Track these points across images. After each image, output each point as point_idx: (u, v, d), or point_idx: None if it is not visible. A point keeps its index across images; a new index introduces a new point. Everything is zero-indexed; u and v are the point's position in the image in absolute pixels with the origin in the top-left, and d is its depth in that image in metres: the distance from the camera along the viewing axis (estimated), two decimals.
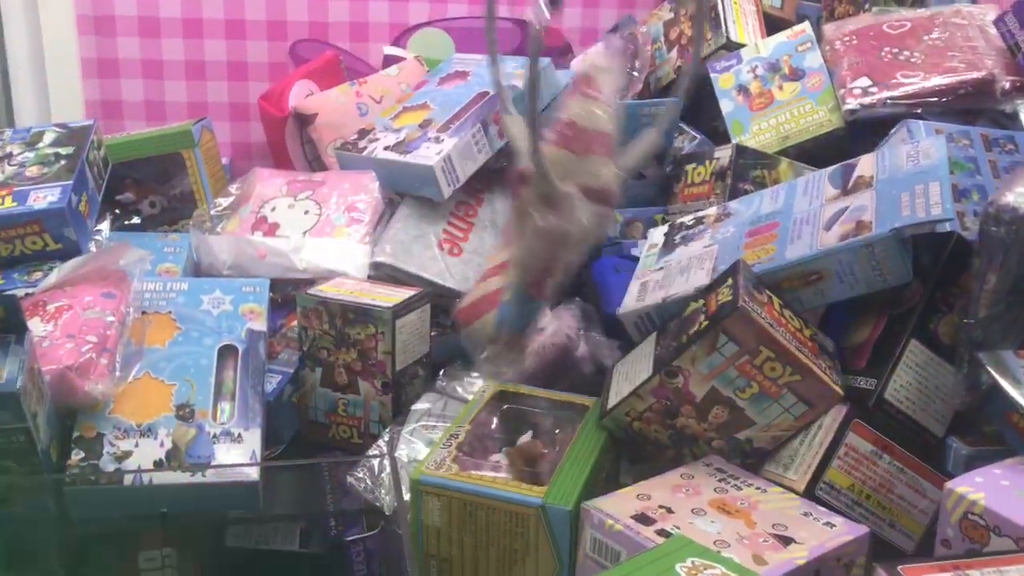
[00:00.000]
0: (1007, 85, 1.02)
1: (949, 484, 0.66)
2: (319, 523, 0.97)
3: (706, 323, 0.75)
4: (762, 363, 0.74)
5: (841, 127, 1.08)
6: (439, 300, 1.02)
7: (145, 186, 1.16)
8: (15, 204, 0.97)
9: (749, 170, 1.03)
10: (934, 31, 1.10)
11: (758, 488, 0.74)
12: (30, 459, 0.78)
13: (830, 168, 0.90)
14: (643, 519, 0.68)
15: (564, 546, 0.71)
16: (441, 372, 0.99)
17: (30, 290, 0.92)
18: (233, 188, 1.16)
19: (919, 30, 1.11)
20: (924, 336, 0.77)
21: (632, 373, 0.81)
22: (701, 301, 0.79)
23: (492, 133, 1.13)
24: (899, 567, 0.54)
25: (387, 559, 0.94)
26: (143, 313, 0.93)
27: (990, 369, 0.72)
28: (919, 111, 1.02)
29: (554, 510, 0.71)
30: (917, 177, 0.80)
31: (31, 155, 1.04)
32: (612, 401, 0.81)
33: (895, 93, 1.04)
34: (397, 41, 1.35)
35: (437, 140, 1.11)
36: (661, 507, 0.70)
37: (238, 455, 0.85)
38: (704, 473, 0.76)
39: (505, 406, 0.85)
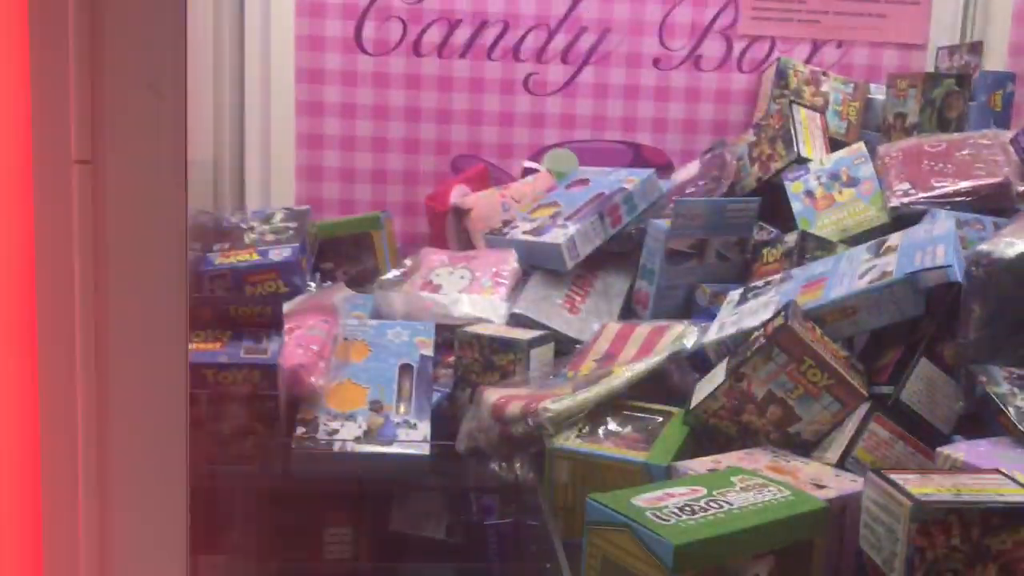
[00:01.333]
0: (1021, 188, 1.28)
1: (939, 448, 0.90)
2: (465, 508, 1.24)
3: (763, 340, 1.02)
4: (805, 370, 1.00)
5: (887, 222, 1.34)
6: (559, 345, 1.32)
7: (341, 259, 1.52)
8: (259, 258, 1.33)
9: (812, 251, 1.31)
10: (965, 149, 1.37)
11: (803, 462, 0.98)
12: (272, 425, 1.10)
13: (869, 242, 1.17)
14: (715, 471, 0.94)
15: None
16: None
17: None
18: (407, 261, 1.50)
19: (953, 149, 1.38)
20: (933, 356, 1.02)
21: (710, 382, 1.08)
22: (761, 329, 1.06)
23: (607, 222, 1.44)
24: (883, 470, 0.78)
25: (518, 542, 1.21)
26: (345, 339, 1.26)
27: (980, 379, 0.96)
28: (948, 208, 1.29)
29: (654, 466, 0.97)
30: (928, 242, 1.07)
31: (267, 227, 1.41)
32: (694, 402, 1.07)
33: (930, 194, 1.31)
34: (534, 157, 1.71)
35: (563, 226, 1.43)
36: (729, 467, 0.96)
37: (414, 437, 1.14)
38: (762, 452, 1.01)
39: (610, 410, 1.12)
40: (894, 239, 1.14)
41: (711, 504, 0.77)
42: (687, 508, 0.76)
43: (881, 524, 0.74)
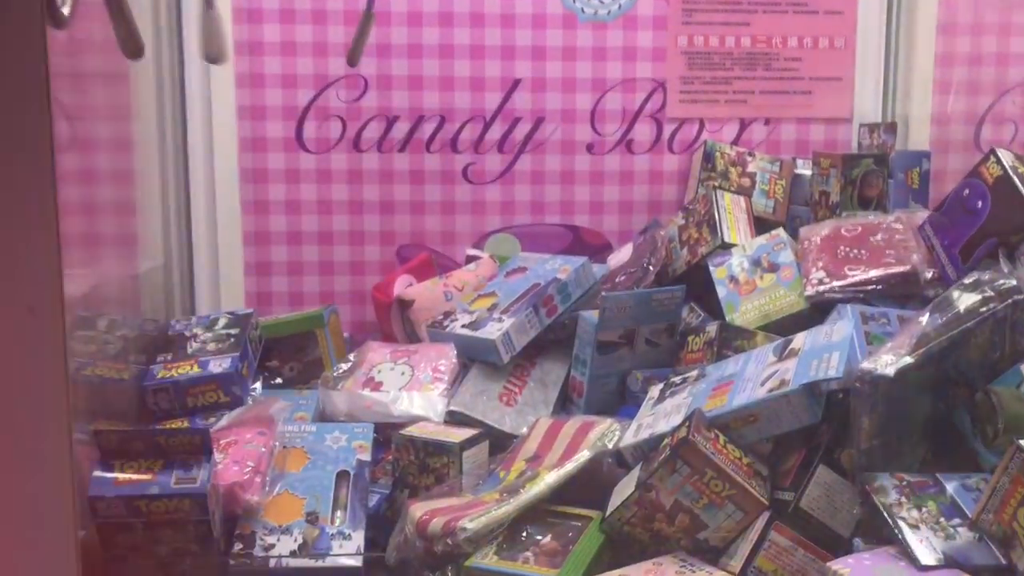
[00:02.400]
0: (929, 275, 1.33)
1: (828, 563, 0.95)
2: None
3: (669, 452, 1.07)
4: (708, 481, 1.05)
5: (806, 308, 1.39)
6: (497, 440, 1.37)
7: (286, 355, 1.57)
8: (200, 370, 1.38)
9: (731, 340, 1.36)
10: (879, 234, 1.42)
11: (708, 572, 1.03)
12: (208, 545, 1.15)
13: (776, 342, 1.22)
14: None
15: None
16: None
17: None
18: (351, 356, 1.54)
19: (867, 233, 1.43)
20: (831, 462, 1.07)
21: (623, 489, 1.12)
22: (670, 437, 1.11)
23: (542, 313, 1.49)
24: None
25: None
26: (284, 447, 1.31)
27: (868, 488, 1.01)
28: (861, 296, 1.34)
29: None
30: (825, 348, 1.12)
31: (210, 335, 1.46)
32: (609, 509, 1.12)
33: (843, 282, 1.36)
34: (477, 244, 1.76)
35: (499, 320, 1.48)
36: None
37: (348, 548, 1.19)
38: (671, 561, 1.06)
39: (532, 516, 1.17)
40: (798, 341, 1.18)
41: None
42: None
43: None
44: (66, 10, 0.88)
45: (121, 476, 1.10)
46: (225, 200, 1.68)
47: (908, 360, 1.01)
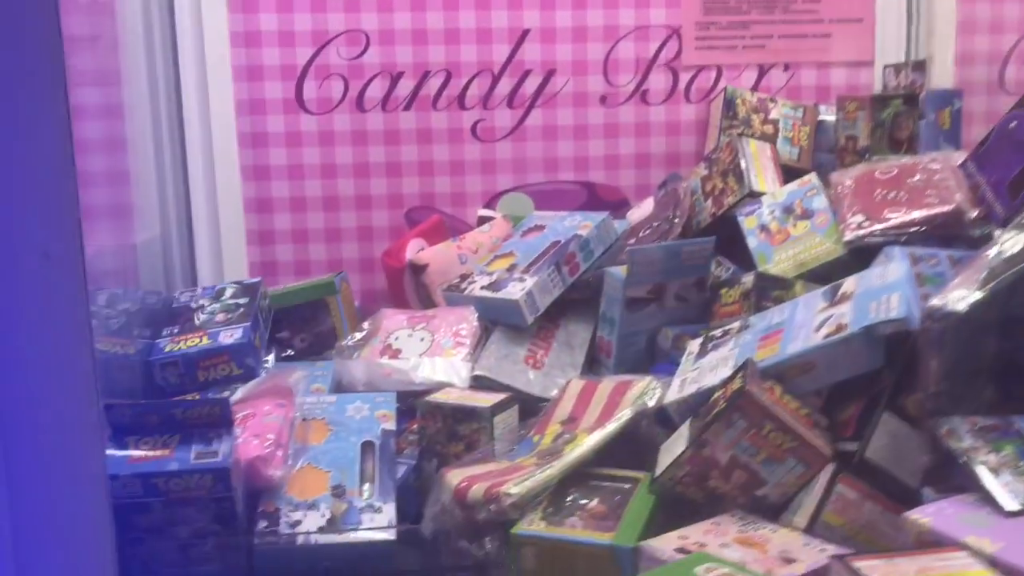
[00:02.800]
0: (973, 215, 1.27)
1: (906, 513, 0.89)
2: None
3: (723, 405, 1.00)
4: (767, 434, 0.99)
5: (844, 254, 1.33)
6: (525, 404, 1.30)
7: (297, 326, 1.49)
8: (210, 342, 1.30)
9: (769, 290, 1.29)
10: (916, 175, 1.36)
11: (771, 529, 0.97)
12: (231, 524, 1.07)
13: (824, 287, 1.16)
14: (682, 551, 0.92)
15: None
16: None
17: None
18: (365, 324, 1.47)
19: (904, 175, 1.37)
20: (896, 409, 1.01)
21: (673, 448, 1.06)
22: (721, 390, 1.05)
23: (565, 272, 1.42)
24: (847, 558, 0.77)
25: None
26: (304, 419, 1.24)
27: (940, 433, 0.95)
28: (903, 239, 1.27)
29: (620, 549, 0.95)
30: (883, 290, 1.05)
31: (217, 306, 1.38)
32: (659, 470, 1.05)
33: (883, 225, 1.29)
34: (489, 204, 1.69)
35: (521, 280, 1.41)
36: (696, 543, 0.94)
37: (380, 522, 1.12)
38: (731, 520, 0.99)
39: (575, 479, 1.10)
40: (849, 284, 1.12)
41: None
42: None
43: None
44: None
45: (136, 453, 1.03)
46: (224, 166, 1.59)
47: (979, 295, 0.95)
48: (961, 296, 0.93)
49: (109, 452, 1.03)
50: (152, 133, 1.55)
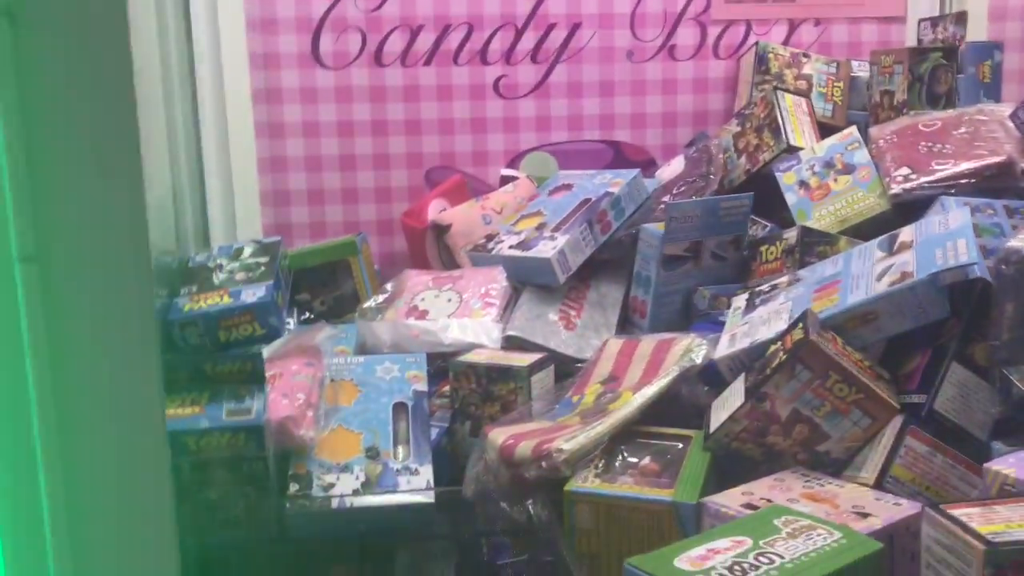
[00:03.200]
0: None
1: (987, 464, 0.84)
2: (476, 550, 1.17)
3: (784, 356, 0.96)
4: (832, 385, 0.94)
5: (888, 209, 1.28)
6: (560, 366, 1.25)
7: (316, 288, 1.43)
8: (232, 300, 1.23)
9: (814, 246, 1.25)
10: (961, 127, 1.32)
11: (838, 484, 0.92)
12: (264, 486, 1.02)
13: (879, 238, 1.11)
14: (749, 507, 0.88)
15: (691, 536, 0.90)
16: None
17: None
18: (388, 286, 1.41)
19: (949, 127, 1.33)
20: (964, 359, 0.97)
21: (728, 403, 1.01)
22: (779, 343, 1.00)
23: (596, 230, 1.37)
24: (941, 505, 0.72)
25: None
26: (332, 380, 1.18)
27: (1015, 380, 0.90)
28: (952, 192, 1.23)
29: (682, 505, 0.90)
30: (947, 237, 1.01)
31: (236, 264, 1.32)
32: (713, 427, 1.01)
33: (931, 178, 1.25)
34: (511, 164, 1.63)
35: (552, 238, 1.36)
36: (762, 498, 0.89)
37: (417, 484, 1.07)
38: (793, 476, 0.95)
39: (624, 437, 1.05)
40: (907, 234, 1.07)
41: (761, 559, 0.70)
42: (737, 568, 0.69)
43: (949, 568, 0.68)
44: None
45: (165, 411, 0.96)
46: (237, 123, 1.53)
47: None
48: None
49: None
50: (163, 89, 1.48)
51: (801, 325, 0.98)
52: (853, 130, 1.39)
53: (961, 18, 1.51)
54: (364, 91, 1.57)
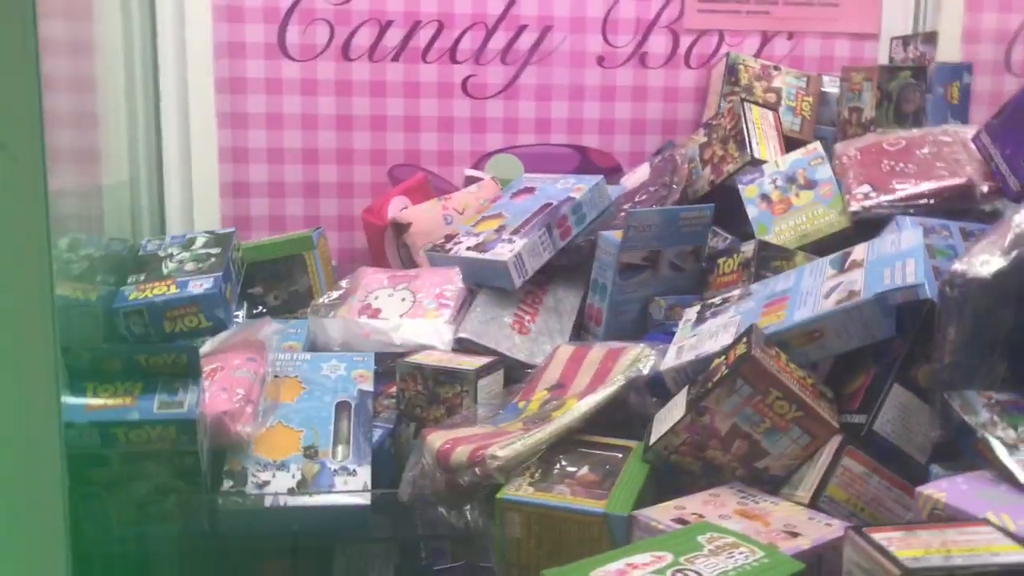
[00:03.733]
0: (985, 189, 1.22)
1: (920, 488, 0.83)
2: (413, 555, 1.16)
3: (726, 371, 0.95)
4: (772, 402, 0.93)
5: (849, 227, 1.28)
6: (510, 371, 1.23)
7: (271, 282, 1.41)
8: (178, 291, 1.22)
9: (770, 261, 1.24)
10: (925, 147, 1.31)
11: (772, 502, 0.91)
12: (195, 481, 1.00)
13: (832, 255, 1.10)
14: (680, 521, 0.87)
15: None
16: None
17: None
18: (343, 283, 1.39)
19: (913, 146, 1.32)
20: (906, 381, 0.96)
21: (669, 416, 1.00)
22: (723, 356, 0.99)
23: (555, 235, 1.36)
24: (864, 528, 0.71)
25: None
26: (275, 376, 1.16)
27: (955, 406, 0.89)
28: (912, 212, 1.22)
29: (614, 517, 0.89)
30: (897, 257, 1.00)
31: (187, 255, 1.30)
32: (653, 438, 0.99)
33: (891, 197, 1.24)
34: (476, 165, 1.62)
35: (510, 241, 1.34)
36: (694, 513, 0.88)
37: (354, 485, 1.05)
38: (729, 492, 0.93)
39: (564, 446, 1.04)
40: (859, 252, 1.07)
41: None
42: None
43: None
44: None
45: (95, 401, 0.95)
46: (198, 112, 1.51)
47: (1003, 262, 0.89)
48: (985, 261, 0.88)
49: (65, 399, 0.95)
50: (124, 73, 1.46)
51: (745, 340, 0.97)
52: (817, 145, 1.38)
53: (931, 38, 1.51)
54: (330, 84, 1.55)
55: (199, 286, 1.22)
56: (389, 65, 1.56)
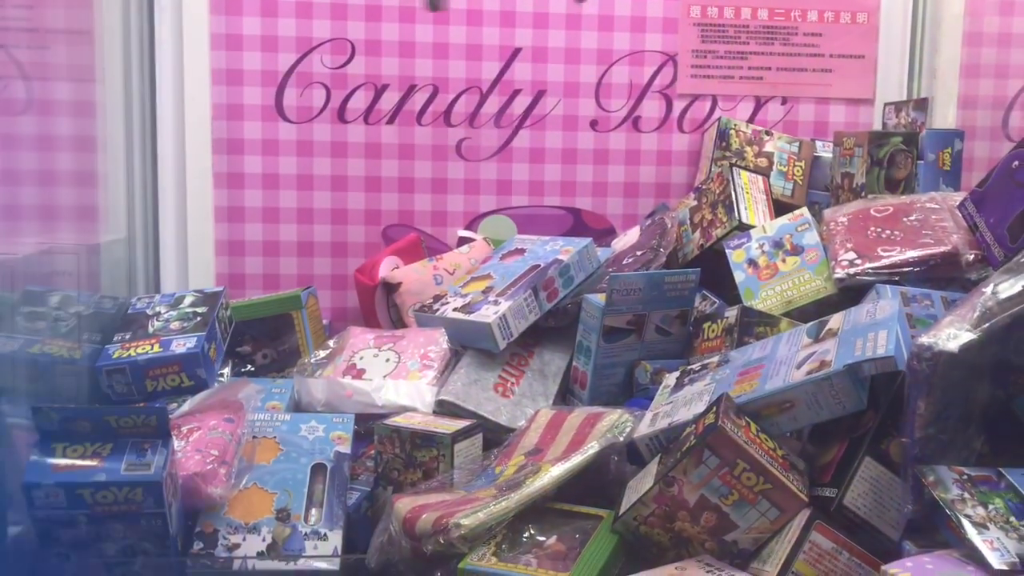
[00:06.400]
0: (970, 257, 1.21)
1: (885, 567, 0.81)
2: None
3: (694, 440, 0.94)
4: (739, 474, 0.92)
5: (834, 293, 1.27)
6: (491, 434, 1.23)
7: (260, 341, 1.42)
8: (161, 350, 1.23)
9: (752, 327, 1.23)
10: (912, 214, 1.30)
11: None
12: (163, 543, 1.00)
13: (809, 323, 1.09)
14: None
15: None
16: None
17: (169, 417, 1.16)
18: (331, 342, 1.40)
19: (900, 213, 1.31)
20: (878, 455, 0.94)
21: (640, 484, 0.99)
22: (693, 425, 0.98)
23: (542, 297, 1.36)
24: None
25: None
26: (254, 437, 1.17)
27: (925, 482, 0.88)
28: (896, 279, 1.21)
29: None
30: (871, 327, 0.99)
31: (174, 313, 1.32)
32: (623, 508, 0.98)
33: (876, 264, 1.23)
34: (470, 225, 1.63)
35: (495, 303, 1.34)
36: None
37: (323, 550, 1.05)
38: (696, 566, 0.92)
39: (535, 514, 1.03)
40: (835, 321, 1.06)
41: None
42: None
43: None
44: None
45: (63, 461, 0.96)
46: (196, 171, 1.54)
47: (971, 335, 0.88)
48: (952, 335, 0.87)
49: (33, 458, 0.96)
50: (124, 133, 1.50)
51: (714, 410, 0.96)
52: (804, 211, 1.38)
53: (922, 104, 1.51)
54: (326, 146, 1.58)
55: (182, 345, 1.23)
56: (384, 127, 1.58)
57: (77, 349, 1.22)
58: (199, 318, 1.29)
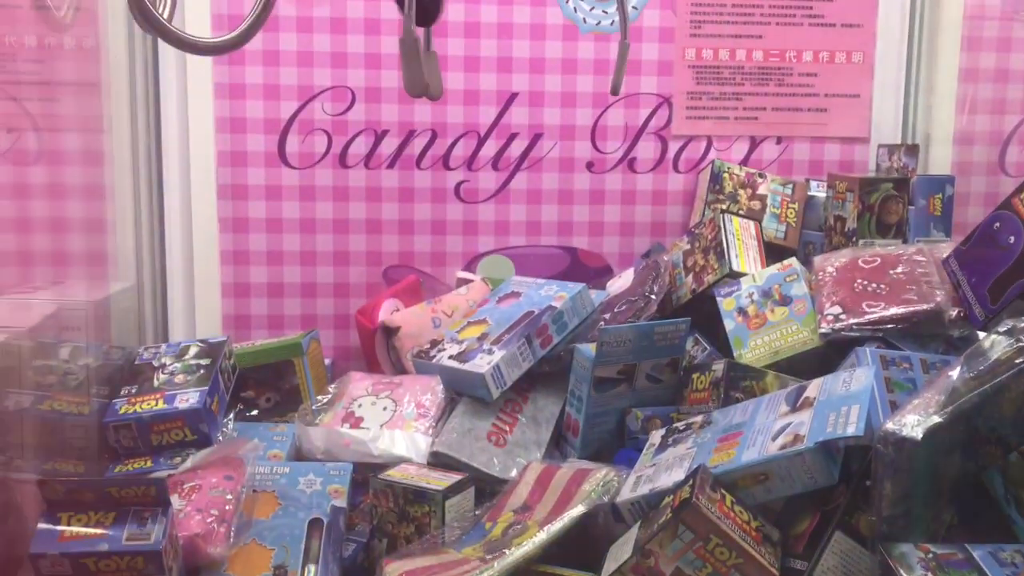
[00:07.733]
0: (953, 314, 1.23)
1: None
2: None
3: (670, 514, 0.97)
4: (712, 548, 0.95)
5: (820, 345, 1.29)
6: (483, 485, 1.27)
7: (263, 385, 1.47)
8: (165, 405, 1.28)
9: (739, 381, 1.25)
10: (899, 267, 1.32)
11: None
12: None
13: (788, 388, 1.12)
14: None
15: None
16: None
17: (172, 471, 1.21)
18: (332, 387, 1.44)
19: (887, 265, 1.33)
20: (848, 529, 0.97)
21: (620, 552, 1.02)
22: (671, 496, 1.01)
23: (536, 345, 1.39)
24: None
25: None
26: (254, 491, 1.21)
27: (891, 561, 0.90)
28: (880, 335, 1.24)
29: None
30: (844, 400, 1.02)
31: (179, 365, 1.36)
32: (604, 575, 1.02)
33: (860, 320, 1.26)
34: (469, 265, 1.66)
35: (489, 352, 1.38)
36: None
37: None
38: None
39: None
40: (812, 389, 1.08)
41: None
42: None
43: None
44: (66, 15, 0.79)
45: (68, 530, 1.00)
46: (202, 217, 1.58)
47: (936, 420, 0.91)
48: (917, 422, 0.89)
49: (41, 527, 1.01)
50: (132, 181, 1.55)
51: (690, 483, 0.99)
52: (794, 261, 1.40)
53: (913, 150, 1.52)
54: (328, 190, 1.62)
55: (185, 401, 1.27)
56: (384, 172, 1.62)
57: (86, 404, 1.27)
58: (202, 371, 1.33)
